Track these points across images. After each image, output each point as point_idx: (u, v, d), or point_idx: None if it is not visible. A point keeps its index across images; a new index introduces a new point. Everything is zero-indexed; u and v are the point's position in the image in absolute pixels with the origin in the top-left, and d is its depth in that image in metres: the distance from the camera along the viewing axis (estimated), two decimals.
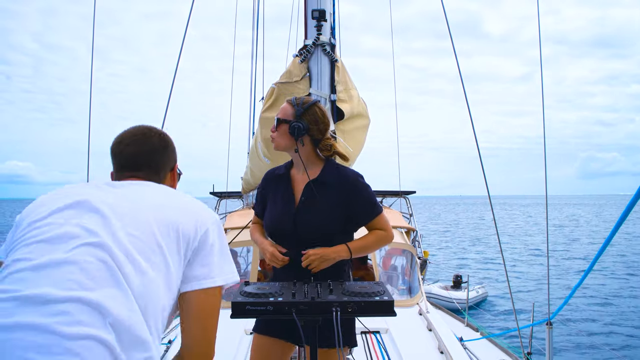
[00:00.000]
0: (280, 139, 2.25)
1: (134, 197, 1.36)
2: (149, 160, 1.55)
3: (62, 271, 1.16)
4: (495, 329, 11.39)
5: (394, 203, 8.79)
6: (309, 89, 2.83)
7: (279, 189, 2.34)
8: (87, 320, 1.10)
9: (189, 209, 1.39)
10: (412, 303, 4.96)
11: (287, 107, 2.26)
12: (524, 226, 52.55)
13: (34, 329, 1.06)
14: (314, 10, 2.71)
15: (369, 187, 2.29)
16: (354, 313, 1.81)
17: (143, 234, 1.27)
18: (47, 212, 1.29)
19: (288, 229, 2.23)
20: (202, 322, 1.34)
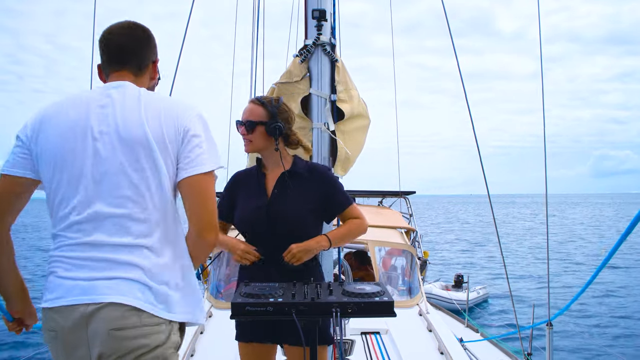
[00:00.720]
0: (258, 141, 2.26)
1: (123, 122, 1.53)
2: (134, 52, 1.68)
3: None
4: (495, 330, 11.39)
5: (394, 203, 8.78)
6: (309, 89, 2.82)
7: (250, 185, 2.36)
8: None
9: (168, 115, 1.55)
10: (412, 304, 4.96)
11: (255, 107, 2.27)
12: (534, 225, 52.36)
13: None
14: (314, 10, 2.70)
15: (336, 179, 2.40)
16: (354, 314, 1.80)
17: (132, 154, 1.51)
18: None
19: (261, 222, 2.24)
20: (201, 198, 1.54)
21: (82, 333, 1.42)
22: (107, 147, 1.51)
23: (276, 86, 2.88)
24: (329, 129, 2.80)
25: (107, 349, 1.41)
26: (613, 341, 11.83)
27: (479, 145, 3.98)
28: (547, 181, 4.09)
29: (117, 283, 1.44)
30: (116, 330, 1.40)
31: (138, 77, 1.68)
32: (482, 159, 4.09)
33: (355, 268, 6.20)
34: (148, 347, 1.44)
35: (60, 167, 1.52)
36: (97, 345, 1.41)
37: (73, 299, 1.43)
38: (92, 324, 1.41)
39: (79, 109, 1.56)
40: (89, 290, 1.43)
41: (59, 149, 1.52)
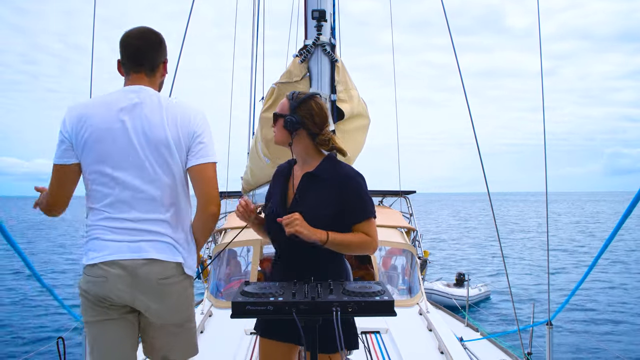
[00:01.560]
0: (279, 133, 2.25)
1: (148, 124, 1.98)
2: (147, 56, 2.07)
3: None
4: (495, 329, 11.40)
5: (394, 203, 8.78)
6: (309, 89, 2.83)
7: (279, 184, 2.35)
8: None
9: (183, 120, 2.02)
10: (412, 303, 4.96)
11: (285, 101, 2.26)
12: (543, 224, 52.27)
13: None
14: (314, 11, 2.71)
15: (365, 187, 2.23)
16: (354, 313, 1.80)
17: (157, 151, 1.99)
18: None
19: (277, 224, 2.18)
20: (205, 179, 2.03)
21: (130, 280, 1.93)
22: (137, 144, 1.96)
23: (276, 86, 2.88)
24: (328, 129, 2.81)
25: (159, 295, 1.96)
26: (613, 340, 11.83)
27: (478, 144, 3.99)
28: (547, 181, 4.10)
29: (154, 245, 1.97)
30: (162, 279, 1.96)
31: (151, 77, 2.10)
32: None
33: (356, 267, 6.20)
34: (182, 290, 2.04)
35: (102, 158, 1.96)
36: (143, 289, 1.94)
37: (123, 255, 1.94)
38: (140, 274, 1.93)
39: (111, 110, 1.98)
40: (136, 249, 1.94)
41: (99, 142, 1.95)
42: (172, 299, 2.01)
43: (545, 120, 3.89)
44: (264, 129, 3.22)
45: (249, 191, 6.42)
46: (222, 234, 6.28)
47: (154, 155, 1.97)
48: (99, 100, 2.03)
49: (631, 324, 13.38)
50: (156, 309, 1.98)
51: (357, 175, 2.24)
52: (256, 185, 5.31)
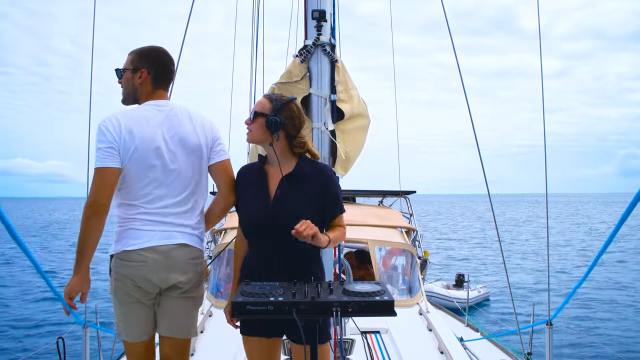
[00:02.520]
0: (256, 132, 2.30)
1: (183, 133, 2.39)
2: (173, 75, 2.54)
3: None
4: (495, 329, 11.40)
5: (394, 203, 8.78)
6: (309, 89, 2.83)
7: (253, 184, 2.37)
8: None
9: (206, 128, 2.45)
10: (412, 303, 4.96)
11: (265, 101, 2.31)
12: (549, 224, 52.09)
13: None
14: (314, 11, 2.71)
15: (339, 186, 2.40)
16: (354, 313, 1.81)
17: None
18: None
19: (264, 223, 2.25)
20: (226, 173, 2.49)
21: (165, 261, 2.29)
22: (174, 151, 2.33)
23: (276, 86, 2.89)
24: (327, 129, 2.81)
25: (185, 271, 2.35)
26: (613, 340, 11.83)
27: (478, 144, 3.99)
28: (547, 181, 4.10)
29: (182, 233, 2.36)
30: (191, 259, 2.37)
31: (166, 92, 2.51)
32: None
33: (356, 267, 6.21)
34: (202, 268, 2.48)
35: (146, 165, 2.28)
36: (177, 269, 2.32)
37: (157, 242, 2.30)
38: (172, 256, 2.31)
39: (151, 123, 2.33)
40: (168, 237, 2.32)
41: (146, 151, 2.28)
42: (196, 274, 2.44)
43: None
44: None
45: None
46: (222, 234, 6.28)
47: (191, 158, 2.37)
48: (136, 114, 2.35)
49: (631, 324, 13.38)
50: (184, 281, 2.37)
51: (334, 174, 2.42)
52: None
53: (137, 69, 2.41)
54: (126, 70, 2.43)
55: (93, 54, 3.14)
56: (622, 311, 14.86)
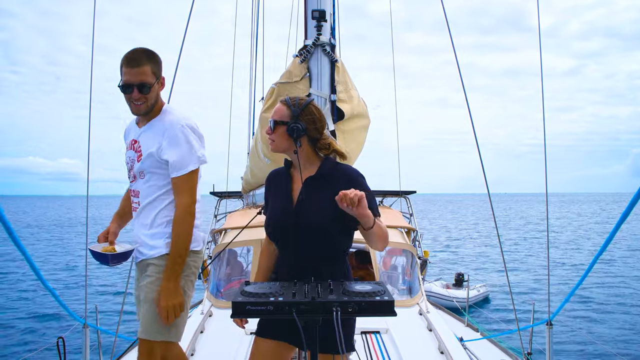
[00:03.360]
0: (279, 141, 2.23)
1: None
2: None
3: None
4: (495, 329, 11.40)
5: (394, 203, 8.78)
6: (309, 89, 2.83)
7: (280, 187, 2.33)
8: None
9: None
10: (412, 303, 4.96)
11: (282, 108, 2.23)
12: (562, 223, 51.97)
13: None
14: (314, 11, 2.70)
15: (368, 187, 2.22)
16: (354, 313, 1.80)
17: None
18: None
19: (288, 226, 2.21)
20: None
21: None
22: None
23: (276, 86, 2.88)
24: (328, 129, 2.81)
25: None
26: (613, 340, 11.83)
27: (478, 144, 3.99)
28: (547, 182, 4.10)
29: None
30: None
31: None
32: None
33: (356, 267, 6.21)
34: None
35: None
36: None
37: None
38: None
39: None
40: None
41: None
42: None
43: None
44: (264, 129, 3.22)
45: (249, 191, 6.42)
46: (222, 234, 6.28)
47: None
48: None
49: (631, 323, 13.38)
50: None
51: (360, 175, 2.27)
52: (256, 186, 5.31)
53: (159, 77, 2.43)
54: (154, 84, 2.40)
55: (93, 54, 3.14)
56: (623, 311, 14.85)
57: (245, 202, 7.92)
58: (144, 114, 2.42)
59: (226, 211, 8.15)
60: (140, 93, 2.34)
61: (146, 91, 2.35)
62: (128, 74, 2.33)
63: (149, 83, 2.35)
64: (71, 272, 21.84)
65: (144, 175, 2.46)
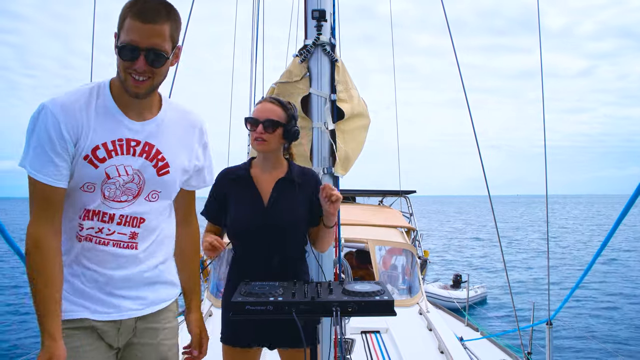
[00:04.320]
0: (273, 142, 2.22)
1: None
2: None
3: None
4: (495, 329, 11.40)
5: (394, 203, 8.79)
6: (309, 89, 2.82)
7: (242, 189, 2.30)
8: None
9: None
10: (412, 303, 4.96)
11: (275, 107, 2.22)
12: (572, 226, 51.93)
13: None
14: (314, 10, 2.71)
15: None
16: (354, 313, 1.80)
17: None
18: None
19: (259, 227, 2.22)
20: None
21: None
22: None
23: (276, 86, 2.88)
24: (327, 129, 2.80)
25: None
26: (613, 340, 11.84)
27: (479, 145, 3.99)
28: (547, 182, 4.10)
29: None
30: None
31: None
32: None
33: (356, 267, 6.21)
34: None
35: None
36: None
37: None
38: None
39: None
40: None
41: None
42: None
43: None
44: None
45: None
46: None
47: None
48: None
49: (631, 323, 13.38)
50: None
51: (317, 175, 2.44)
52: None
53: (175, 45, 1.65)
54: (170, 54, 1.62)
55: (93, 54, 3.14)
56: (623, 310, 14.86)
57: None
58: (142, 96, 1.63)
59: None
60: (148, 64, 1.56)
61: (159, 63, 1.58)
62: (137, 31, 1.53)
63: (165, 51, 1.57)
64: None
65: (158, 195, 1.74)
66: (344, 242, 5.35)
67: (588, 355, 10.62)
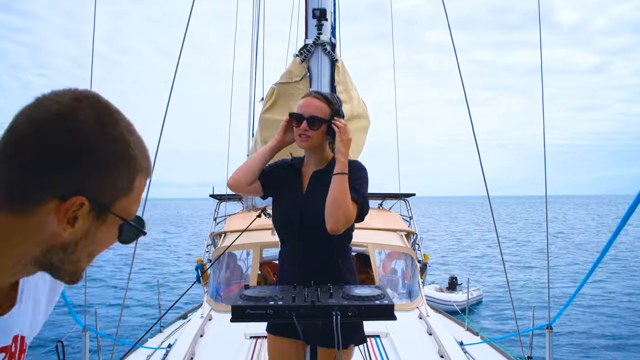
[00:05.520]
0: (317, 138, 2.19)
1: None
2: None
3: None
4: (495, 333, 11.36)
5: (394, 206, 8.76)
6: (309, 89, 2.81)
7: (288, 178, 2.32)
8: None
9: None
10: (412, 307, 4.94)
11: (320, 103, 2.19)
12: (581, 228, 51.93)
13: None
14: (315, 10, 2.69)
15: (361, 176, 2.24)
16: (354, 317, 1.79)
17: None
18: None
19: (296, 218, 2.22)
20: None
21: None
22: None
23: (276, 86, 2.86)
24: None
25: None
26: (613, 344, 11.81)
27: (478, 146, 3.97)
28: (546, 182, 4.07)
29: None
30: None
31: None
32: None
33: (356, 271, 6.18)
34: None
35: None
36: None
37: None
38: None
39: None
40: None
41: None
42: None
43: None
44: (264, 130, 3.20)
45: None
46: (221, 237, 6.25)
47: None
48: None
49: (631, 328, 13.35)
50: None
51: (360, 165, 2.31)
52: None
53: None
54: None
55: (93, 54, 3.12)
56: (624, 315, 14.83)
57: (245, 205, 7.90)
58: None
59: (226, 214, 8.12)
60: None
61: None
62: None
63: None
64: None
65: None
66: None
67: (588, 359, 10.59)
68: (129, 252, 27.10)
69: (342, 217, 2.07)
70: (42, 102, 0.80)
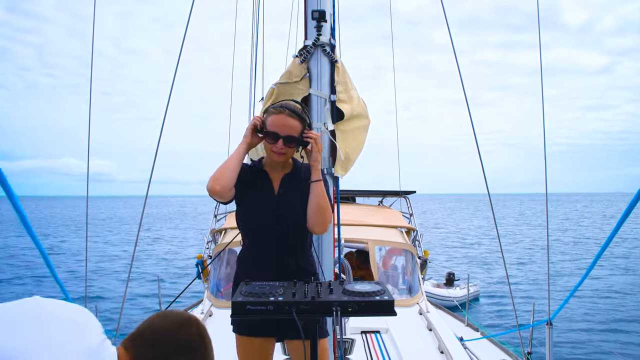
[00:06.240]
0: (291, 152, 2.33)
1: None
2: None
3: None
4: (495, 329, 11.39)
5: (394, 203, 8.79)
6: (308, 90, 2.83)
7: (256, 181, 2.40)
8: None
9: None
10: (412, 303, 4.97)
11: (295, 122, 2.27)
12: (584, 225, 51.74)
13: None
14: (314, 11, 2.71)
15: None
16: (354, 313, 1.81)
17: None
18: None
19: (269, 220, 2.33)
20: None
21: None
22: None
23: (276, 87, 2.88)
24: (327, 129, 2.81)
25: None
26: (613, 340, 11.84)
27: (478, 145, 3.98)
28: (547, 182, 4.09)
29: None
30: None
31: None
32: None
33: (356, 267, 6.21)
34: None
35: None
36: None
37: None
38: None
39: None
40: None
41: None
42: None
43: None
44: None
45: None
46: (222, 234, 6.28)
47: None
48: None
49: (631, 323, 13.37)
50: None
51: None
52: None
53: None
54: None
55: (93, 54, 3.14)
56: (623, 310, 14.85)
57: None
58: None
59: (226, 211, 8.15)
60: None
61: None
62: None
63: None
64: (71, 273, 21.85)
65: None
66: (344, 242, 5.36)
67: (588, 356, 10.61)
68: (130, 252, 27.05)
69: (328, 219, 2.33)
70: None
